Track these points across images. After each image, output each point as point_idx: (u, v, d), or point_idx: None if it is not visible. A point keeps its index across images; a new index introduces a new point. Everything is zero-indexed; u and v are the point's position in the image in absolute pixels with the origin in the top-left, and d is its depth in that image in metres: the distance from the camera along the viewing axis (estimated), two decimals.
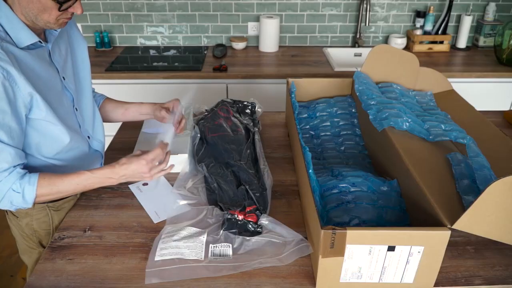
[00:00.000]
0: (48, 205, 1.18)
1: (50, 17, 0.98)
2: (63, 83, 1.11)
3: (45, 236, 1.21)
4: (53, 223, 1.20)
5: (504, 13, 2.67)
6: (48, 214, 1.19)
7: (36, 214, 1.17)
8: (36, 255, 1.25)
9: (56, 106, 1.05)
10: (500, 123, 1.62)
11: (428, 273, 0.88)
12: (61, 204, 1.20)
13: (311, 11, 2.62)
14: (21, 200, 0.98)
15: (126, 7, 2.56)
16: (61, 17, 1.00)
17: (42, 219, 1.18)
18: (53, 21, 0.99)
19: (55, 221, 1.20)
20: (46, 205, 1.17)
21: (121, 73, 2.22)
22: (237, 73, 2.23)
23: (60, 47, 1.12)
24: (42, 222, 1.19)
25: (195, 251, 0.97)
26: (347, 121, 1.47)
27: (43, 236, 1.21)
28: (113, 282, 0.91)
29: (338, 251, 0.83)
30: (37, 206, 1.16)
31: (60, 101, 1.08)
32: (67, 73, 1.13)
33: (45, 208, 1.18)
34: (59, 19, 0.99)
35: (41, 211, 1.17)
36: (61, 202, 1.20)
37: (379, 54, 1.49)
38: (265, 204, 1.11)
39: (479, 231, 0.84)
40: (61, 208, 1.21)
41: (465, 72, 2.28)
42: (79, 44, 1.21)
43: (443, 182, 0.98)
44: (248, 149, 1.29)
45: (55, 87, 1.07)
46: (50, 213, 1.19)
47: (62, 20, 1.01)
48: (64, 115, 1.09)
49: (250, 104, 1.55)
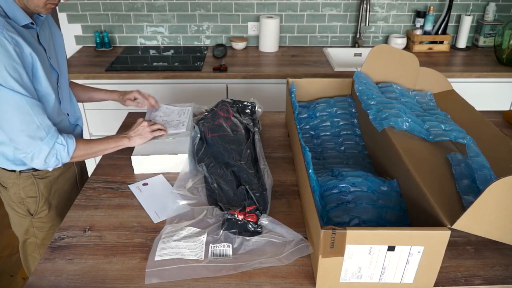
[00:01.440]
0: (33, 174, 1.29)
1: (40, 1, 1.10)
2: (50, 61, 1.23)
3: (32, 203, 1.33)
4: (39, 190, 1.32)
5: (504, 13, 2.67)
6: (34, 182, 1.30)
7: (22, 183, 1.29)
8: (26, 223, 1.36)
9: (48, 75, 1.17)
10: (500, 123, 1.62)
11: (428, 273, 0.88)
12: (45, 172, 1.31)
13: (311, 11, 2.62)
14: (65, 153, 1.17)
15: (126, 7, 2.56)
16: (49, 2, 1.12)
17: (29, 187, 1.30)
18: (42, 5, 1.11)
19: (40, 188, 1.32)
20: (31, 173, 1.29)
21: (121, 73, 2.22)
22: (237, 73, 2.23)
23: (45, 31, 1.24)
24: (29, 190, 1.30)
25: (195, 251, 0.97)
26: (347, 121, 1.47)
27: (31, 204, 1.33)
28: (113, 282, 0.91)
29: (338, 251, 0.83)
30: (23, 175, 1.28)
31: (50, 75, 1.20)
32: (52, 54, 1.25)
33: (30, 177, 1.29)
34: (47, 3, 1.11)
35: (27, 180, 1.29)
36: (45, 171, 1.30)
37: (379, 54, 1.49)
38: (265, 204, 1.11)
39: (479, 231, 0.84)
40: (46, 176, 1.32)
41: (465, 72, 2.28)
42: (57, 34, 1.33)
43: (443, 182, 0.98)
44: (248, 149, 1.29)
45: (46, 63, 1.19)
46: (36, 181, 1.30)
47: (49, 5, 1.13)
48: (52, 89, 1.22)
49: (250, 104, 1.55)
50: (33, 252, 1.43)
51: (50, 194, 1.35)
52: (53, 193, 1.37)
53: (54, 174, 1.34)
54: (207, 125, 1.39)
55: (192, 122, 1.47)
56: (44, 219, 1.37)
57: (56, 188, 1.37)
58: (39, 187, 1.31)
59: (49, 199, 1.36)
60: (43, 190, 1.33)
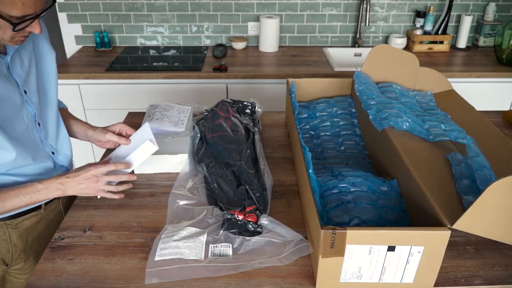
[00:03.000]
0: (5, 223, 1.10)
1: (5, 35, 0.91)
2: (24, 97, 1.04)
3: (6, 254, 1.14)
4: (11, 241, 1.12)
5: (504, 13, 2.67)
6: (6, 233, 1.11)
7: None
8: (1, 273, 1.17)
9: (10, 124, 1.00)
10: (500, 123, 1.62)
11: (428, 273, 0.88)
12: (19, 221, 1.12)
13: (311, 11, 2.62)
14: None
15: (126, 7, 2.57)
16: (17, 35, 0.94)
17: (1, 237, 1.11)
18: (8, 39, 0.93)
19: (13, 239, 1.12)
20: (4, 222, 1.10)
21: (121, 73, 2.22)
22: (237, 73, 2.23)
23: (23, 58, 1.05)
24: (2, 240, 1.11)
25: (195, 251, 0.97)
26: (347, 121, 1.47)
27: (4, 254, 1.14)
28: (113, 282, 0.91)
29: (338, 251, 0.83)
30: None
31: (18, 117, 1.02)
32: (30, 86, 1.06)
33: (2, 226, 1.10)
34: (14, 37, 0.93)
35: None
36: (20, 219, 1.12)
37: (379, 54, 1.49)
38: (265, 204, 1.11)
39: (479, 231, 0.84)
40: (20, 226, 1.13)
41: (465, 72, 2.28)
42: (46, 54, 1.13)
43: (443, 182, 0.98)
44: (248, 149, 1.29)
45: (12, 102, 1.00)
46: (8, 231, 1.11)
47: (18, 38, 0.95)
48: (21, 132, 1.03)
49: (250, 104, 1.55)
50: None
51: (26, 244, 1.15)
52: (30, 243, 1.16)
53: (32, 221, 1.15)
54: (207, 125, 1.39)
55: (192, 122, 1.47)
56: (20, 270, 1.17)
57: (34, 236, 1.17)
58: (12, 238, 1.12)
59: (26, 250, 1.16)
60: (17, 242, 1.13)
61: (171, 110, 1.52)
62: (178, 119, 1.46)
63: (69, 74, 2.21)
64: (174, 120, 1.45)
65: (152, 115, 1.47)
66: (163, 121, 1.43)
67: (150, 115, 1.47)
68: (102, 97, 2.28)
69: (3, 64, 0.99)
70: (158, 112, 1.50)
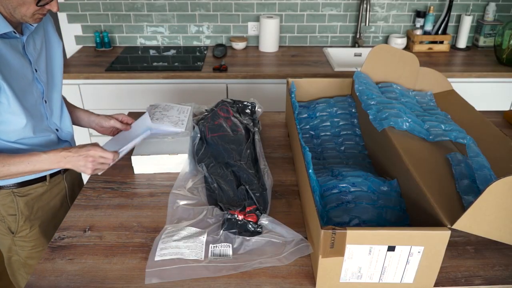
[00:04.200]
0: (13, 191, 1.22)
1: (28, 11, 1.04)
2: (35, 74, 1.16)
3: (12, 221, 1.25)
4: (18, 208, 1.23)
5: (504, 13, 2.67)
6: (14, 200, 1.22)
7: (2, 200, 1.22)
8: (8, 241, 1.29)
9: (23, 95, 1.11)
10: (500, 123, 1.62)
11: (428, 273, 0.88)
12: (27, 190, 1.23)
13: (311, 11, 2.62)
14: None
15: (126, 7, 2.56)
16: (37, 12, 1.06)
17: (8, 204, 1.22)
18: (30, 15, 1.05)
19: (20, 206, 1.23)
20: (11, 190, 1.21)
21: (121, 73, 2.22)
22: (237, 73, 2.23)
23: (36, 41, 1.18)
24: (9, 207, 1.23)
25: (195, 251, 0.97)
26: (347, 121, 1.47)
27: (11, 222, 1.25)
28: (113, 282, 0.91)
29: (338, 251, 0.83)
30: (3, 192, 1.21)
31: (29, 90, 1.14)
32: (40, 66, 1.18)
33: (10, 194, 1.21)
34: (35, 13, 1.06)
35: (7, 197, 1.21)
36: (27, 188, 1.23)
37: (379, 54, 1.49)
38: (265, 204, 1.11)
39: (479, 231, 0.84)
40: (27, 194, 1.24)
41: (465, 72, 2.28)
42: (55, 43, 1.26)
43: (443, 182, 0.98)
44: (248, 149, 1.29)
45: (26, 77, 1.12)
46: (16, 199, 1.22)
47: (38, 15, 1.08)
48: (31, 104, 1.14)
49: (250, 104, 1.55)
50: (18, 269, 1.35)
51: (31, 213, 1.26)
52: (35, 211, 1.28)
53: (38, 191, 1.26)
54: (207, 125, 1.39)
55: (192, 122, 1.47)
56: (25, 238, 1.28)
57: (39, 206, 1.28)
58: (19, 205, 1.23)
59: (30, 218, 1.27)
60: (23, 209, 1.24)
61: (171, 110, 1.52)
62: (178, 119, 1.46)
63: (69, 74, 2.21)
64: (174, 120, 1.45)
65: (152, 115, 1.47)
66: (163, 121, 1.43)
67: (150, 115, 1.47)
68: (102, 97, 2.28)
69: (20, 43, 1.12)
70: (158, 112, 1.50)
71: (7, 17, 1.06)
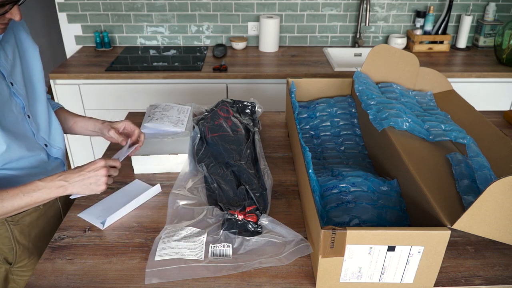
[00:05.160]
0: (6, 220, 1.10)
1: None
2: (11, 89, 1.04)
3: (8, 252, 1.14)
4: (14, 237, 1.13)
5: (504, 13, 2.67)
6: (8, 230, 1.11)
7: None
8: (3, 273, 1.17)
9: (1, 114, 0.99)
10: (500, 123, 1.62)
11: (428, 273, 0.88)
12: (20, 217, 1.13)
13: (311, 11, 2.62)
14: None
15: (126, 7, 2.57)
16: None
17: (3, 234, 1.11)
18: None
19: (16, 235, 1.13)
20: (5, 219, 1.10)
21: (121, 73, 2.22)
22: (237, 73, 2.23)
23: (7, 51, 1.05)
24: (4, 238, 1.12)
25: (195, 251, 0.97)
26: (347, 121, 1.47)
27: (7, 252, 1.14)
28: (113, 282, 0.91)
29: (338, 251, 0.83)
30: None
31: (8, 108, 1.02)
32: (16, 78, 1.06)
33: (4, 223, 1.10)
34: None
35: (1, 227, 1.10)
36: (21, 215, 1.12)
37: (379, 54, 1.49)
38: (265, 204, 1.11)
39: (479, 231, 0.84)
40: (21, 222, 1.13)
41: (465, 72, 2.28)
42: (29, 49, 1.13)
43: (443, 182, 0.98)
44: (248, 149, 1.29)
45: (0, 93, 1.00)
46: (10, 228, 1.11)
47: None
48: (12, 123, 1.03)
49: (250, 104, 1.56)
50: None
51: (29, 241, 1.16)
52: (33, 239, 1.17)
53: (32, 216, 1.15)
54: (207, 125, 1.39)
55: (192, 122, 1.47)
56: (24, 267, 1.17)
57: (36, 232, 1.18)
58: (14, 234, 1.12)
59: (29, 246, 1.16)
60: (19, 238, 1.13)
61: (171, 110, 1.52)
62: (178, 119, 1.46)
63: (69, 74, 2.22)
64: (174, 120, 1.45)
65: (152, 115, 1.47)
66: (163, 121, 1.43)
67: (150, 115, 1.48)
68: (102, 97, 2.28)
69: None
70: (158, 112, 1.50)
71: None
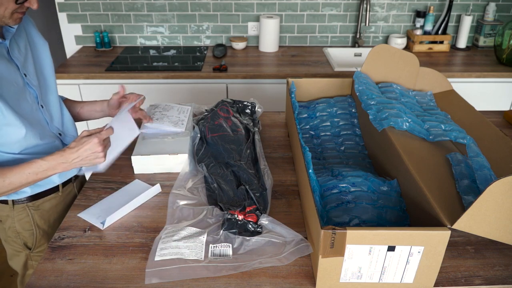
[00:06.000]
0: (27, 205, 1.18)
1: (6, 11, 1.00)
2: (25, 79, 1.10)
3: (29, 237, 1.22)
4: (34, 222, 1.20)
5: (504, 13, 2.67)
6: (29, 214, 1.19)
7: (17, 216, 1.18)
8: (23, 258, 1.24)
9: (17, 102, 1.05)
10: (500, 123, 1.62)
11: (428, 273, 0.88)
12: (41, 203, 1.20)
13: (311, 11, 2.62)
14: None
15: (126, 7, 2.57)
16: (16, 11, 1.02)
17: (24, 220, 1.19)
18: (8, 15, 1.01)
19: (36, 220, 1.21)
20: (25, 204, 1.18)
21: (121, 73, 2.22)
22: (237, 73, 2.23)
23: (19, 44, 1.12)
24: (25, 223, 1.19)
25: (195, 251, 0.97)
26: (347, 121, 1.47)
27: (27, 238, 1.21)
28: (113, 282, 0.91)
29: (338, 251, 0.83)
30: (17, 207, 1.17)
31: (22, 97, 1.08)
32: (28, 69, 1.13)
33: (25, 208, 1.18)
34: (13, 13, 1.01)
35: (22, 212, 1.18)
36: (41, 200, 1.20)
37: (379, 54, 1.49)
38: (265, 204, 1.11)
39: (479, 231, 0.84)
40: (41, 208, 1.21)
41: (465, 72, 2.28)
42: (40, 44, 1.20)
43: (443, 182, 0.98)
44: (248, 149, 1.29)
45: (16, 83, 1.07)
46: (31, 213, 1.19)
47: (17, 15, 1.03)
48: (27, 111, 1.09)
49: (250, 104, 1.56)
50: None
51: (48, 225, 1.24)
52: (52, 223, 1.25)
53: (52, 202, 1.23)
54: (207, 125, 1.39)
55: (192, 122, 1.47)
56: (43, 252, 1.20)
57: (55, 217, 1.25)
58: (34, 219, 1.20)
59: (48, 231, 1.24)
60: (40, 222, 1.21)
61: (171, 110, 1.52)
62: (178, 119, 1.46)
63: (69, 74, 2.21)
64: (174, 120, 1.45)
65: (152, 115, 1.47)
66: (163, 121, 1.43)
67: (150, 115, 1.48)
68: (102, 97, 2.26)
69: (3, 47, 1.06)
70: (158, 112, 1.50)
71: None
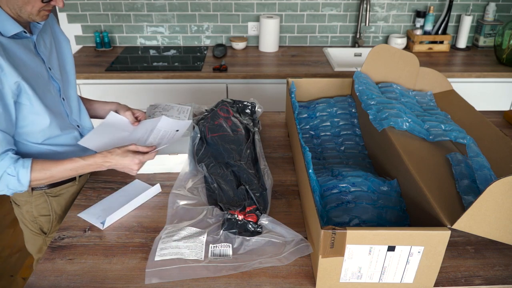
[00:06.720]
0: (46, 192, 1.23)
1: (34, 9, 1.05)
2: (49, 73, 1.17)
3: (45, 222, 1.27)
4: (52, 209, 1.25)
5: (504, 13, 2.67)
6: (47, 201, 1.24)
7: (35, 201, 1.23)
8: (39, 242, 1.31)
9: (43, 93, 1.12)
10: (500, 123, 1.62)
11: (428, 273, 0.88)
12: (59, 190, 1.25)
13: (311, 11, 2.62)
14: (16, 183, 1.04)
15: (126, 7, 2.56)
16: (43, 9, 1.08)
17: (41, 205, 1.24)
18: (36, 12, 1.07)
19: (54, 206, 1.26)
20: (44, 191, 1.23)
21: (121, 73, 2.22)
22: (237, 73, 2.23)
23: (45, 40, 1.19)
24: (42, 208, 1.24)
25: (195, 251, 0.97)
26: (347, 121, 1.47)
27: (44, 223, 1.27)
28: (113, 282, 0.91)
29: (338, 251, 0.83)
30: (36, 193, 1.22)
31: (47, 89, 1.14)
32: (53, 64, 1.20)
33: (43, 195, 1.23)
34: (40, 10, 1.07)
35: (40, 198, 1.23)
36: (59, 188, 1.25)
37: (379, 54, 1.49)
38: (265, 204, 1.11)
39: (479, 231, 0.84)
40: (59, 194, 1.26)
41: (465, 72, 2.28)
42: (63, 41, 1.28)
43: (443, 182, 0.98)
44: (248, 149, 1.29)
45: (42, 76, 1.13)
46: (49, 200, 1.24)
47: (43, 12, 1.09)
48: (51, 103, 1.15)
49: (250, 104, 1.55)
50: None
51: (64, 211, 1.28)
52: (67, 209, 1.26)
53: (69, 191, 1.28)
54: (207, 125, 1.39)
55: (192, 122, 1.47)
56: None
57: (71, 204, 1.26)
58: (52, 206, 1.25)
59: (63, 217, 1.28)
60: (57, 209, 1.27)
61: (171, 110, 1.52)
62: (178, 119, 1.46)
63: None
64: None
65: (152, 115, 1.47)
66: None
67: (150, 115, 1.48)
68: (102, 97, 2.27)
69: (31, 42, 1.13)
70: (158, 112, 1.50)
71: (15, 17, 1.06)
